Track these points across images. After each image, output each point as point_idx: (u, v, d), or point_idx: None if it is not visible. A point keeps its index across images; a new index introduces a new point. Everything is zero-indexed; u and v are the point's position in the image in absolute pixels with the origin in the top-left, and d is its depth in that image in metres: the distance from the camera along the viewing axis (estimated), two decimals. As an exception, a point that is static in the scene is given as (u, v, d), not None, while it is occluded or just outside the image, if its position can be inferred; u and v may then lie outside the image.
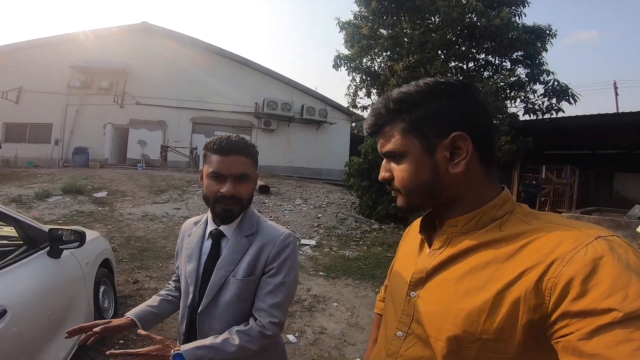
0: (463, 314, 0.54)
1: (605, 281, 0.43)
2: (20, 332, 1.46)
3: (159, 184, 9.02)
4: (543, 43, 8.27)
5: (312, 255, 5.41)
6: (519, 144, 7.98)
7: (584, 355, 0.42)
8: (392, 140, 0.63)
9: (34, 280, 1.69)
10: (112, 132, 13.32)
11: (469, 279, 0.56)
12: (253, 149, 1.06)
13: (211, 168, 1.00)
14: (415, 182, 0.61)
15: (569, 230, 0.51)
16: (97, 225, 5.76)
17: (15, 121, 12.82)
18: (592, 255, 0.46)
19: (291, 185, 10.61)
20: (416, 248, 0.72)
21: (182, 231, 1.20)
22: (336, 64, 9.12)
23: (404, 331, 0.64)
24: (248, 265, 1.02)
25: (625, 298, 0.41)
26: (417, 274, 0.65)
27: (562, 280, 0.46)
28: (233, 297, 1.01)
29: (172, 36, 13.73)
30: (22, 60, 12.54)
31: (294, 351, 2.67)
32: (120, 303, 3.12)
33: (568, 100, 7.89)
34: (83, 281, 2.17)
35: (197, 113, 13.82)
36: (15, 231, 1.84)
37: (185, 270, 1.09)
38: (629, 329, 0.40)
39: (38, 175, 9.36)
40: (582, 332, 0.43)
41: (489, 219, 0.59)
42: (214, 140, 1.02)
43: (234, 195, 1.00)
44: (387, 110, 0.63)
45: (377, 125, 0.65)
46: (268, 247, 1.03)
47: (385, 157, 0.66)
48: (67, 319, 1.93)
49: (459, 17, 7.39)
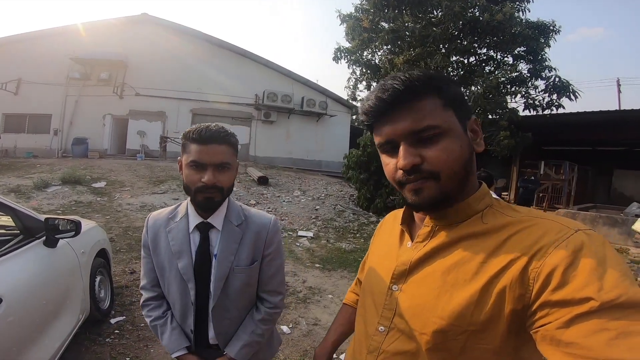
0: (451, 307, 0.54)
1: (583, 272, 0.44)
2: (16, 321, 1.48)
3: (158, 174, 9.03)
4: (546, 39, 8.22)
5: (308, 247, 5.45)
6: (517, 139, 7.97)
7: (562, 343, 0.43)
8: (432, 114, 0.55)
9: (30, 270, 1.71)
10: (111, 122, 13.29)
11: (456, 271, 0.55)
12: (233, 137, 1.04)
13: (191, 157, 0.98)
14: (461, 161, 0.57)
15: (550, 223, 0.52)
16: (96, 216, 5.79)
17: (15, 112, 12.81)
18: (573, 247, 0.47)
19: (290, 176, 10.62)
20: (395, 241, 0.70)
21: (152, 226, 1.11)
22: (336, 56, 9.09)
23: (386, 326, 0.63)
24: (249, 252, 1.07)
25: (601, 289, 0.42)
26: (400, 267, 0.63)
27: (545, 271, 0.47)
28: (242, 285, 1.07)
29: (172, 27, 13.63)
30: (21, 52, 12.49)
31: (287, 342, 2.72)
32: (117, 293, 3.16)
33: (569, 96, 7.87)
34: (79, 271, 2.20)
35: (196, 104, 13.77)
36: (12, 220, 1.85)
37: (173, 268, 1.05)
38: (604, 319, 0.41)
39: (37, 166, 9.37)
40: (560, 321, 0.44)
41: (472, 212, 0.59)
42: (192, 129, 1.00)
43: (215, 184, 0.98)
44: (421, 81, 0.56)
45: (408, 95, 0.56)
46: (262, 233, 1.10)
47: (412, 136, 0.56)
48: (63, 308, 1.96)
49: (460, 11, 7.34)
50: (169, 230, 1.07)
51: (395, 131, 0.57)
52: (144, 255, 1.13)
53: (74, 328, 2.07)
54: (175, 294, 1.07)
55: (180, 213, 1.09)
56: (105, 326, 2.65)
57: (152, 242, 1.09)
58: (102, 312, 2.63)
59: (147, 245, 1.10)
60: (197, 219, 1.06)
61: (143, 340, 2.55)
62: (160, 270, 1.09)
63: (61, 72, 12.59)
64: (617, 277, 0.43)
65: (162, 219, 1.10)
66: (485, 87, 7.57)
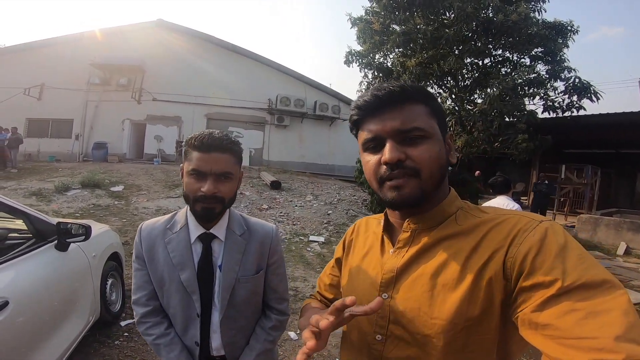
0: (447, 307, 0.55)
1: (549, 257, 0.49)
2: (23, 323, 1.51)
3: (173, 178, 9.20)
4: (564, 39, 7.99)
5: (319, 252, 5.42)
6: (536, 143, 7.75)
7: (539, 326, 0.46)
8: (420, 118, 0.61)
9: (39, 273, 1.75)
10: (130, 127, 13.67)
11: (444, 272, 0.58)
12: (237, 146, 1.00)
13: (191, 165, 0.94)
14: (439, 164, 0.61)
15: (518, 217, 0.57)
16: (113, 219, 5.93)
17: (38, 117, 13.31)
18: (539, 235, 0.52)
19: (303, 181, 10.63)
20: (376, 250, 0.71)
21: (146, 237, 1.05)
22: (348, 60, 9.07)
23: (382, 334, 0.63)
24: (254, 262, 1.07)
25: (565, 271, 0.47)
26: (387, 274, 0.64)
27: (519, 259, 0.51)
28: (249, 294, 1.06)
29: (186, 32, 13.94)
30: (43, 57, 12.95)
31: (294, 348, 2.69)
32: (128, 296, 3.21)
33: (590, 97, 7.60)
34: (89, 274, 2.25)
35: (211, 109, 14.01)
36: (25, 224, 1.91)
37: (174, 280, 1.02)
38: (572, 300, 0.44)
39: (59, 170, 9.71)
40: (534, 305, 0.47)
41: (446, 215, 0.63)
42: (195, 135, 0.96)
43: (215, 194, 0.94)
44: (414, 89, 0.62)
45: (402, 97, 0.61)
46: (266, 242, 1.10)
47: (400, 135, 0.60)
48: (72, 310, 2.00)
49: (473, 12, 7.22)
50: (168, 241, 1.03)
51: (385, 128, 0.61)
52: (137, 268, 1.06)
53: (83, 330, 2.10)
54: (177, 306, 1.03)
55: (179, 223, 1.05)
56: (115, 329, 2.69)
57: (148, 253, 1.04)
58: (112, 315, 2.68)
59: (141, 256, 1.05)
60: (198, 229, 1.03)
61: (152, 343, 2.58)
62: (158, 283, 1.04)
63: (82, 78, 13.01)
64: (576, 260, 0.48)
65: (158, 229, 1.06)
66: (501, 89, 7.40)
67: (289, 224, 6.83)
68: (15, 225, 2.28)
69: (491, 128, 7.54)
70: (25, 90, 12.84)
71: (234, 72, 13.96)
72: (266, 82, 14.28)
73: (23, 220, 1.89)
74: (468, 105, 8.60)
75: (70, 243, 2.00)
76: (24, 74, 12.78)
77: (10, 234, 2.13)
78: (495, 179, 3.56)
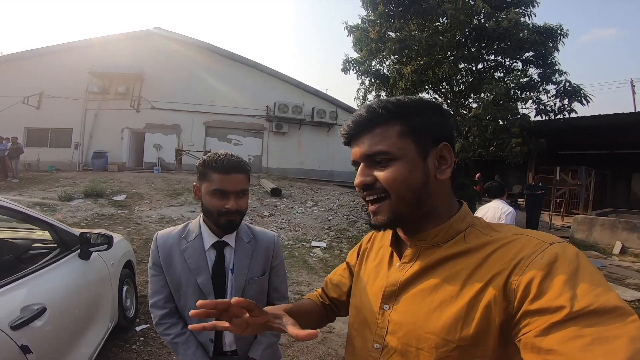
0: (441, 323, 0.56)
1: (558, 282, 0.48)
2: (58, 328, 1.63)
3: (174, 187, 9.29)
4: (555, 43, 8.20)
5: (322, 257, 5.54)
6: (531, 146, 7.91)
7: (542, 351, 0.46)
8: (386, 141, 0.61)
9: (68, 280, 1.87)
10: (129, 136, 13.74)
11: (443, 289, 0.59)
12: (248, 165, 1.17)
13: (214, 185, 1.08)
14: (408, 185, 0.61)
15: (527, 238, 0.56)
16: (118, 228, 6.02)
17: (37, 126, 13.30)
18: (547, 259, 0.51)
19: (302, 187, 10.75)
20: (385, 261, 0.73)
21: (162, 246, 1.18)
22: (345, 67, 9.23)
23: (380, 343, 0.65)
24: (260, 265, 1.23)
25: (574, 297, 0.46)
26: (390, 287, 0.66)
27: (524, 282, 0.50)
28: (256, 293, 1.21)
29: (184, 41, 14.05)
30: (42, 66, 12.94)
31: (302, 349, 2.80)
32: (141, 302, 3.31)
33: (580, 101, 7.80)
34: (109, 281, 2.36)
35: (210, 117, 14.12)
36: (50, 235, 2.02)
37: (190, 284, 1.15)
38: (579, 326, 0.44)
39: (60, 179, 9.77)
40: (539, 329, 0.47)
41: (454, 232, 0.63)
42: (213, 158, 1.10)
43: (237, 209, 1.10)
44: (386, 110, 0.62)
45: (369, 123, 0.63)
46: (270, 247, 1.27)
47: (368, 159, 0.63)
48: (95, 316, 2.11)
49: (466, 19, 7.42)
50: (184, 249, 1.16)
51: (356, 153, 0.65)
52: (154, 274, 1.19)
53: (105, 335, 2.21)
54: (193, 307, 1.16)
55: (193, 232, 1.19)
56: (131, 333, 2.80)
57: (165, 260, 1.17)
58: (128, 320, 2.78)
59: (158, 263, 1.17)
60: (212, 238, 1.18)
61: (166, 347, 2.68)
62: (175, 286, 1.17)
63: (80, 86, 13.01)
64: (588, 285, 0.47)
65: (173, 238, 1.19)
66: (495, 94, 7.58)
67: (291, 230, 6.94)
68: (36, 235, 2.40)
69: (486, 132, 7.71)
70: (24, 99, 12.80)
71: (231, 79, 14.09)
72: (264, 89, 14.42)
73: (48, 231, 2.00)
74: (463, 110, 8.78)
75: (92, 252, 2.12)
76: (23, 82, 12.74)
77: (33, 244, 2.25)
78: (491, 184, 3.75)
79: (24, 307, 1.43)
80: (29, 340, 1.35)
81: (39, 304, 1.50)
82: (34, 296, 1.53)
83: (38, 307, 1.49)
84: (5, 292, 1.41)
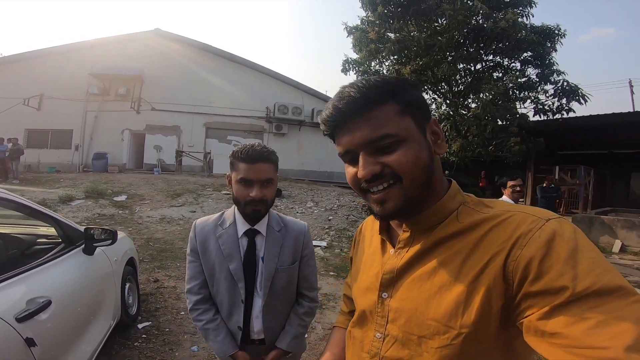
0: (442, 309, 0.55)
1: (558, 262, 0.46)
2: (63, 322, 1.64)
3: (174, 187, 9.30)
4: (552, 43, 8.26)
5: (323, 256, 5.55)
6: (529, 145, 7.95)
7: (546, 334, 0.44)
8: (388, 122, 0.56)
9: (72, 275, 1.88)
10: (129, 137, 13.78)
11: (441, 273, 0.56)
12: (274, 155, 1.19)
13: (240, 175, 1.13)
14: (421, 165, 0.57)
15: (522, 215, 0.54)
16: (119, 228, 6.03)
17: (38, 127, 13.36)
18: (545, 237, 0.48)
19: (303, 188, 10.76)
20: (378, 250, 0.71)
21: (200, 232, 1.22)
22: (345, 68, 9.28)
23: (381, 332, 0.64)
24: (289, 254, 1.25)
25: (576, 277, 0.44)
26: (387, 274, 0.64)
27: (522, 263, 0.48)
28: (285, 282, 1.24)
29: (184, 42, 14.13)
30: (42, 67, 13.00)
31: (316, 341, 2.83)
32: (142, 300, 3.32)
33: (578, 100, 7.85)
34: (112, 277, 2.37)
35: (210, 118, 14.16)
36: (55, 230, 2.04)
37: (224, 270, 1.18)
38: (582, 308, 0.42)
39: (61, 180, 9.79)
40: (541, 312, 0.45)
41: (447, 212, 0.60)
42: (240, 149, 1.15)
43: (262, 198, 1.13)
44: (377, 88, 0.56)
45: (365, 105, 0.56)
46: (300, 237, 1.29)
47: (369, 146, 0.57)
48: (98, 312, 2.12)
49: (464, 19, 7.48)
50: (219, 236, 1.21)
51: (354, 140, 0.57)
52: (191, 260, 1.23)
53: (108, 331, 2.23)
54: (225, 293, 1.20)
55: (228, 220, 1.24)
56: (133, 331, 2.81)
57: (202, 246, 1.21)
58: (130, 317, 2.79)
59: (195, 249, 1.22)
60: (245, 226, 1.21)
61: (168, 344, 2.69)
62: (209, 272, 1.21)
63: (81, 88, 13.09)
64: (589, 264, 0.45)
65: (210, 225, 1.24)
66: (493, 94, 7.63)
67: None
68: (40, 231, 2.41)
69: (485, 132, 7.75)
70: (24, 100, 12.87)
71: (231, 80, 14.14)
72: (263, 90, 14.46)
73: (54, 226, 2.02)
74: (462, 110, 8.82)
75: (96, 247, 2.13)
76: (23, 84, 12.82)
77: (38, 239, 2.27)
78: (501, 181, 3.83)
79: (29, 299, 1.44)
80: (34, 333, 1.36)
81: (44, 297, 1.51)
82: (39, 289, 1.54)
83: (43, 300, 1.50)
84: (11, 284, 1.42)
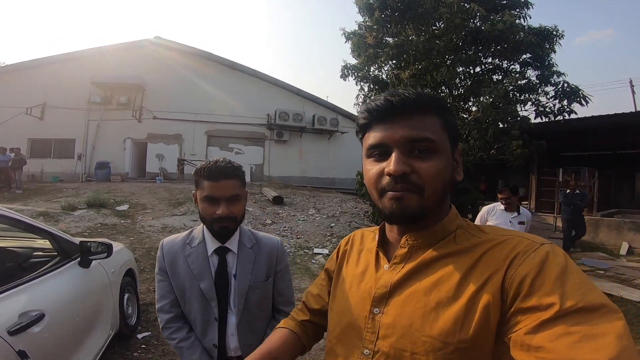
0: (439, 325, 0.55)
1: (549, 281, 0.49)
2: (57, 334, 1.64)
3: (176, 196, 9.32)
4: (551, 44, 8.23)
5: (324, 264, 5.51)
6: (531, 148, 7.88)
7: (531, 348, 0.46)
8: (432, 129, 0.59)
9: (67, 288, 1.87)
10: (131, 146, 13.83)
11: (438, 290, 0.57)
12: (239, 171, 1.16)
13: (204, 192, 1.10)
14: (444, 181, 0.60)
15: (518, 239, 0.57)
16: (120, 237, 6.03)
17: (40, 137, 13.35)
18: (539, 258, 0.52)
19: (305, 195, 10.75)
20: (371, 264, 0.70)
21: (168, 252, 1.20)
22: (344, 73, 9.27)
23: (370, 349, 0.62)
24: (263, 270, 1.23)
25: (564, 295, 0.46)
26: (380, 289, 0.63)
27: (517, 280, 0.51)
28: (260, 298, 1.22)
29: (184, 49, 14.17)
30: (44, 76, 13.00)
31: (305, 355, 2.77)
32: (143, 310, 3.31)
33: (579, 101, 7.79)
34: (110, 289, 2.36)
35: (211, 126, 14.20)
36: (50, 243, 2.03)
37: (194, 289, 1.16)
38: (568, 324, 0.44)
39: (63, 190, 9.84)
40: (529, 327, 0.47)
41: (446, 233, 0.62)
42: (203, 166, 1.13)
43: (229, 215, 1.11)
44: (430, 100, 0.60)
45: (415, 106, 0.59)
46: (273, 252, 1.27)
47: (407, 145, 0.58)
48: (96, 323, 2.11)
49: (461, 22, 7.47)
50: (188, 255, 1.18)
51: (394, 136, 0.58)
52: (160, 279, 1.21)
53: (106, 342, 2.21)
54: (197, 312, 1.18)
55: (196, 239, 1.21)
56: (133, 341, 2.79)
57: (170, 266, 1.19)
58: (129, 328, 2.78)
59: (164, 269, 1.20)
60: (215, 244, 1.19)
61: (168, 354, 2.67)
62: (180, 292, 1.18)
63: (83, 97, 13.07)
64: (576, 284, 0.48)
65: (177, 245, 1.21)
66: (494, 97, 7.59)
67: (293, 237, 6.93)
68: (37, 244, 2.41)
69: (486, 136, 7.69)
70: (27, 110, 12.84)
71: (232, 88, 14.19)
72: (264, 97, 14.49)
73: (48, 240, 2.02)
74: (463, 114, 8.79)
75: (92, 260, 2.12)
76: (25, 93, 12.78)
77: (34, 252, 2.26)
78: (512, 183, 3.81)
79: (22, 313, 1.44)
80: (26, 346, 1.36)
81: (37, 310, 1.51)
82: (32, 303, 1.54)
83: (36, 313, 1.50)
84: (4, 298, 1.43)
